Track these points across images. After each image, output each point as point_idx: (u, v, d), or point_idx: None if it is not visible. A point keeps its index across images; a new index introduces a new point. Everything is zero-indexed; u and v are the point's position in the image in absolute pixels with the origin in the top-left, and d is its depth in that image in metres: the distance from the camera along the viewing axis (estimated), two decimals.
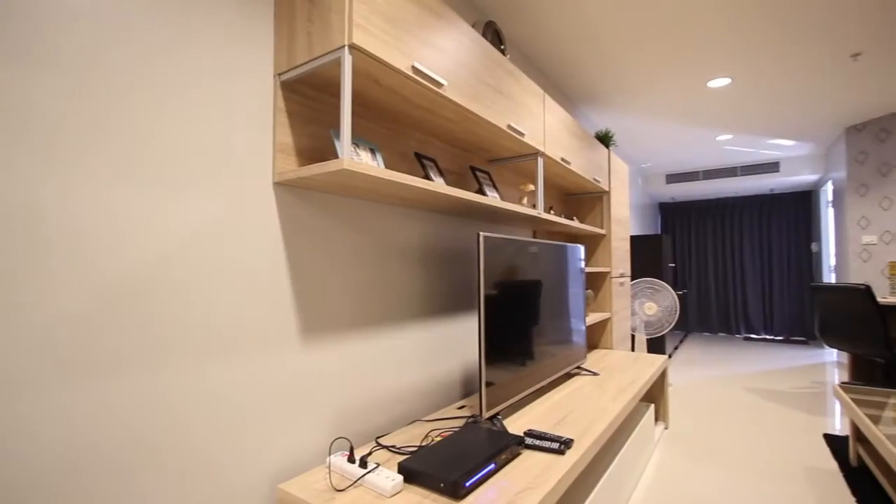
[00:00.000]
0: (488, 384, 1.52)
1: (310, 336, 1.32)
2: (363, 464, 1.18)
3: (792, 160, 5.68)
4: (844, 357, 4.84)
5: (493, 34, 2.21)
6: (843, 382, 3.84)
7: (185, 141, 1.04)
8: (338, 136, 1.24)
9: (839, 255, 5.01)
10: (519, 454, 1.34)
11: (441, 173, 1.64)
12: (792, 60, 3.04)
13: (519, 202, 2.27)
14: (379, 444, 1.42)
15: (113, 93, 0.93)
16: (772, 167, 5.79)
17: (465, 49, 1.48)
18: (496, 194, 1.92)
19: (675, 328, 7.56)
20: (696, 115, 4.14)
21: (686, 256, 7.58)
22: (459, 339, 2.00)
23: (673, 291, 3.79)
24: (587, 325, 2.71)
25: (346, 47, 1.06)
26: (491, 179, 1.97)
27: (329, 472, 1.23)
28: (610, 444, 1.98)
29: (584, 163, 2.54)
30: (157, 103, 1.00)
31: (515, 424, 1.61)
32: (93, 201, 0.89)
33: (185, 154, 1.04)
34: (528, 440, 1.38)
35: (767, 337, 6.79)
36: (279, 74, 1.23)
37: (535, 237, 2.78)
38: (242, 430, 1.14)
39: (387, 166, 1.57)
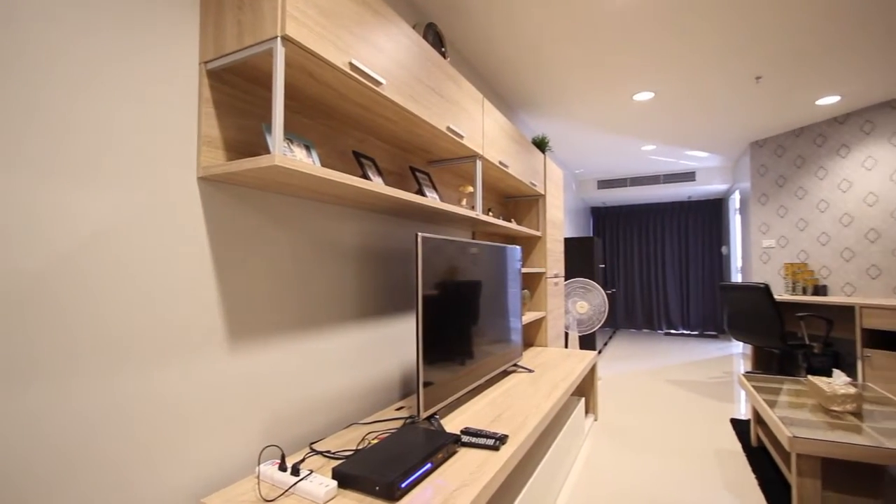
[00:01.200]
0: (426, 384, 1.53)
1: (239, 339, 1.25)
2: (295, 471, 1.14)
3: (706, 170, 6.23)
4: (749, 349, 5.38)
5: (434, 36, 2.22)
6: (747, 372, 4.27)
7: (93, 128, 0.95)
8: (269, 130, 1.19)
9: (744, 257, 5.56)
10: (456, 452, 1.36)
11: (380, 173, 1.63)
12: (705, 80, 3.33)
13: (458, 203, 2.31)
14: (313, 450, 1.38)
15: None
16: (689, 176, 6.32)
17: (405, 49, 1.48)
18: (436, 195, 1.93)
19: (604, 325, 8.02)
20: (623, 126, 4.43)
21: (615, 257, 8.07)
22: (398, 340, 1.99)
23: (603, 291, 4.02)
24: (523, 323, 2.80)
25: (279, 38, 1.02)
26: (431, 180, 1.99)
27: (258, 482, 1.17)
28: (544, 438, 2.06)
29: (521, 167, 2.63)
30: (59, 84, 0.90)
31: (453, 423, 1.63)
32: None
33: (92, 142, 0.95)
34: (465, 438, 1.40)
35: (685, 332, 7.39)
36: (205, 63, 1.16)
37: (474, 238, 2.83)
38: (161, 442, 1.06)
39: (323, 164, 1.53)
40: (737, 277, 6.33)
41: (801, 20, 2.52)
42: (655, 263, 7.74)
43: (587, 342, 4.91)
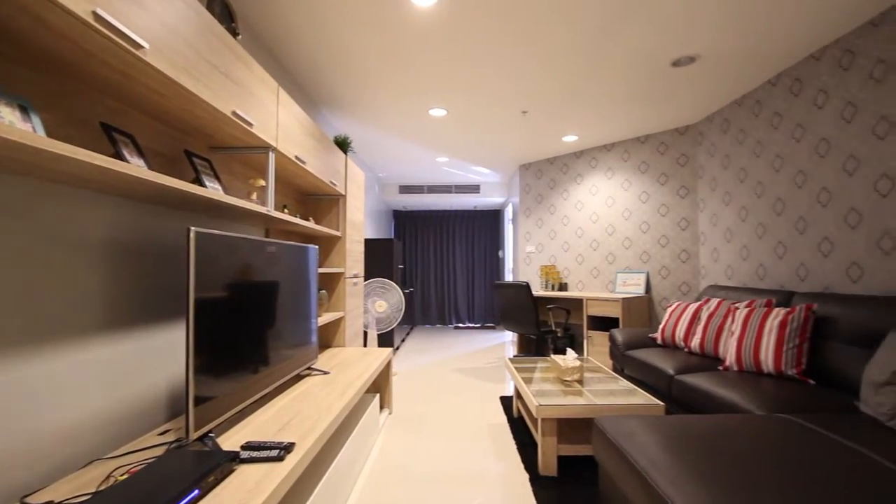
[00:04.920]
0: (202, 399, 1.34)
1: None
2: None
3: (488, 185, 7.22)
4: (515, 336, 6.44)
5: (223, 8, 1.98)
6: (514, 356, 5.08)
7: None
8: None
9: (515, 259, 6.65)
10: (233, 471, 1.23)
11: (141, 154, 1.36)
12: (485, 107, 3.87)
13: (248, 197, 2.10)
14: None
15: None
16: (475, 189, 7.22)
17: (178, 13, 1.28)
18: (218, 186, 1.72)
19: (402, 322, 8.48)
20: (421, 137, 4.77)
21: (413, 259, 8.63)
22: (169, 351, 1.70)
23: (400, 290, 4.24)
24: (320, 325, 2.74)
25: None
26: (213, 169, 1.76)
27: None
28: (337, 437, 2.05)
29: (320, 164, 2.56)
30: None
31: (234, 439, 1.47)
32: None
33: None
34: (244, 454, 1.28)
35: (471, 325, 8.40)
36: None
37: (267, 236, 2.63)
38: None
39: (54, 134, 1.20)
40: (509, 277, 7.52)
41: (551, 72, 3.15)
42: (448, 264, 8.58)
43: (386, 339, 5.10)
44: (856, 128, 2.51)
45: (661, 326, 3.41)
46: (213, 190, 1.55)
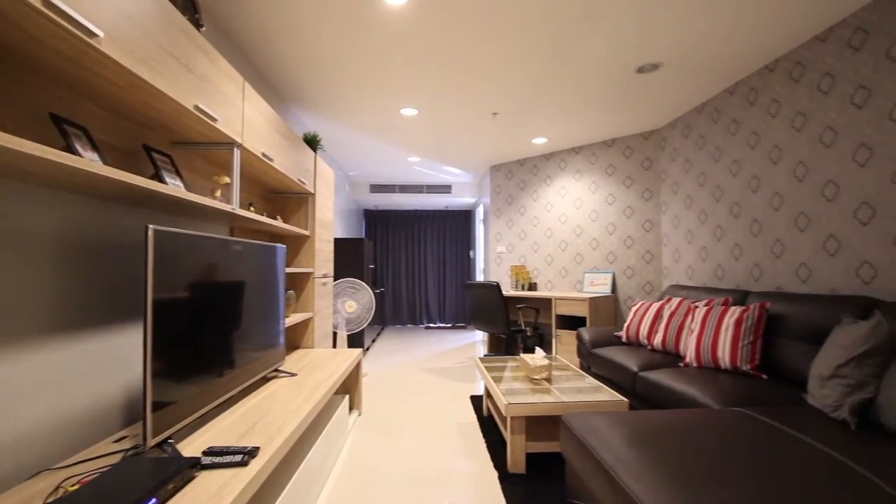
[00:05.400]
0: (161, 404, 1.29)
1: None
2: None
3: (459, 185, 7.25)
4: (486, 336, 6.49)
5: None
6: (484, 355, 5.12)
7: None
8: None
9: (485, 260, 6.70)
10: (193, 478, 1.19)
11: (96, 147, 1.29)
12: (456, 108, 3.88)
13: (211, 195, 2.03)
14: None
15: None
16: (446, 189, 7.24)
17: (136, 1, 1.22)
18: (180, 183, 1.66)
19: (373, 323, 8.41)
20: (393, 136, 4.74)
21: (384, 258, 8.57)
22: (126, 354, 1.62)
23: (371, 290, 4.21)
24: (288, 325, 2.68)
25: None
26: (174, 165, 1.69)
27: None
28: (305, 439, 2.02)
29: (288, 162, 2.51)
30: None
31: (195, 444, 1.42)
32: None
33: None
34: (206, 459, 1.24)
35: (441, 325, 8.41)
36: None
37: (233, 235, 2.55)
38: None
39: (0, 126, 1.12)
40: (480, 277, 7.57)
41: (521, 74, 3.20)
42: (419, 264, 8.56)
43: (356, 340, 5.05)
44: (805, 136, 2.66)
45: (625, 325, 3.51)
46: (174, 187, 1.49)
